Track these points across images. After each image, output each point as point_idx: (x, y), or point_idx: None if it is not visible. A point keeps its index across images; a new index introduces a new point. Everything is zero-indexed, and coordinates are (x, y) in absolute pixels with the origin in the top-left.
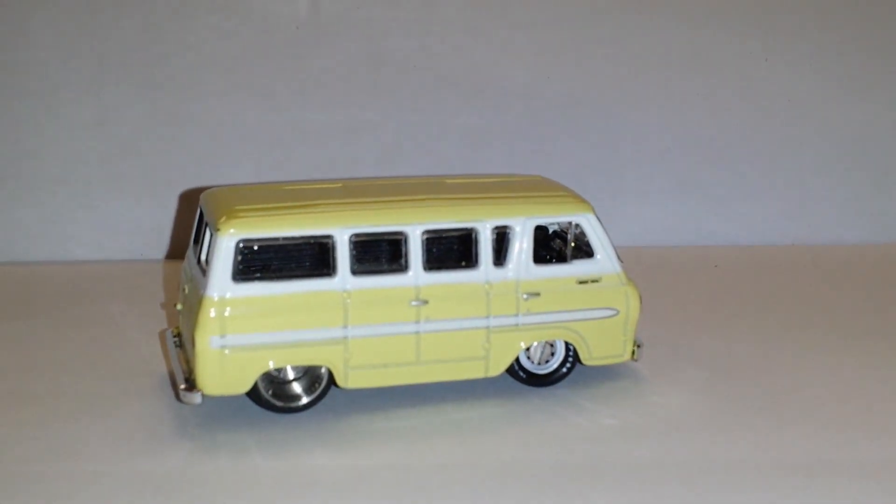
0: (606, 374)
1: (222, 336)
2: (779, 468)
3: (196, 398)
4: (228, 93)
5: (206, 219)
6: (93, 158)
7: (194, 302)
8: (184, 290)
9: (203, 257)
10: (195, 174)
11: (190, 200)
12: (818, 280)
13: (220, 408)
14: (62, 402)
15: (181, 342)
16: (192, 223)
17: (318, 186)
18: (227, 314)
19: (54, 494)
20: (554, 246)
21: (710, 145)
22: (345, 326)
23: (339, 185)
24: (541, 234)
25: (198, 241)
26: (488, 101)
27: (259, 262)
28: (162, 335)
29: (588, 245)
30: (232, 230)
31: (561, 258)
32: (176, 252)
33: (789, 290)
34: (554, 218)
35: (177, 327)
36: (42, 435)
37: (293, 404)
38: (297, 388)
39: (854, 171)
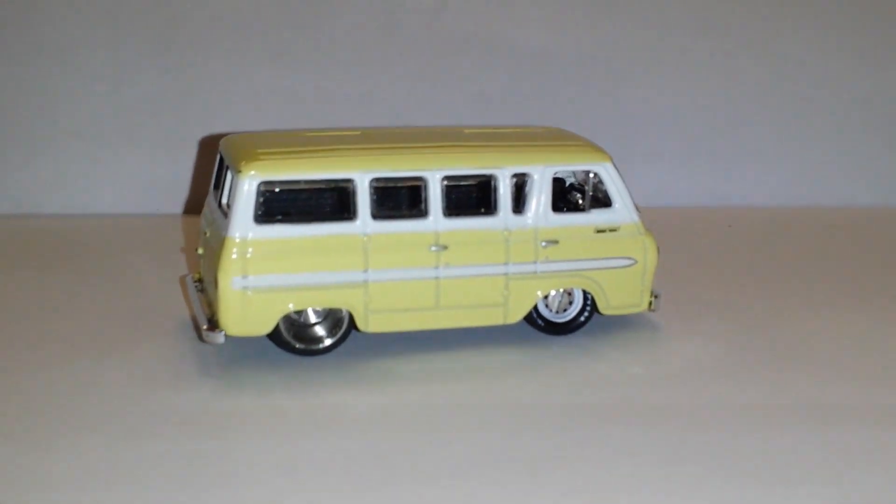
0: (624, 323)
1: (244, 277)
2: (794, 413)
3: (219, 338)
4: (242, 51)
5: (226, 163)
6: (108, 113)
7: (216, 244)
8: (205, 233)
9: (224, 201)
10: (209, 129)
11: (206, 154)
12: (831, 241)
13: (242, 349)
14: (84, 343)
15: (202, 287)
16: (208, 179)
17: (337, 133)
18: (248, 255)
19: (81, 427)
20: (571, 199)
21: (724, 108)
22: (365, 270)
23: (358, 132)
24: (557, 187)
25: (218, 186)
26: (501, 64)
27: (280, 206)
28: (182, 281)
29: (606, 195)
30: (253, 172)
31: (578, 211)
32: (193, 207)
33: (803, 251)
34: (573, 166)
35: (198, 272)
36: (67, 372)
37: (314, 347)
38: (318, 331)
39: (867, 134)
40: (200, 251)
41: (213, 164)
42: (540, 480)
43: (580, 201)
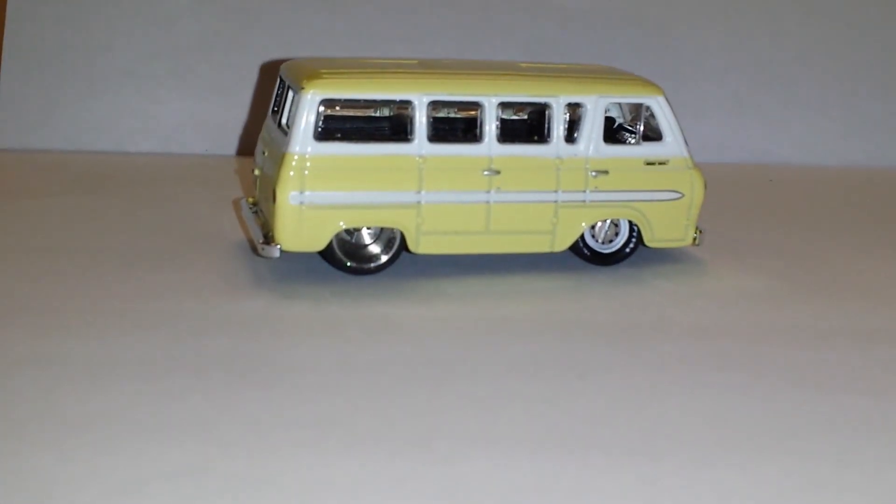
0: (668, 256)
1: (301, 192)
2: (840, 332)
3: (275, 251)
4: None
5: (287, 83)
6: (163, 54)
7: (275, 161)
8: (263, 153)
9: (285, 120)
10: (263, 72)
11: (259, 96)
12: (869, 199)
13: (296, 265)
14: (142, 258)
15: (257, 210)
16: (260, 122)
17: (396, 60)
18: (307, 171)
19: (143, 325)
20: (620, 139)
21: (768, 66)
22: (419, 191)
23: (417, 61)
24: (608, 125)
25: (278, 109)
26: (549, 19)
27: (340, 125)
28: (236, 203)
29: (657, 129)
30: (315, 89)
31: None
32: (245, 149)
33: (841, 206)
34: (626, 98)
35: (252, 196)
36: (127, 282)
37: (365, 265)
38: (370, 250)
39: None
40: (257, 172)
41: (273, 91)
42: (588, 383)
43: (630, 141)
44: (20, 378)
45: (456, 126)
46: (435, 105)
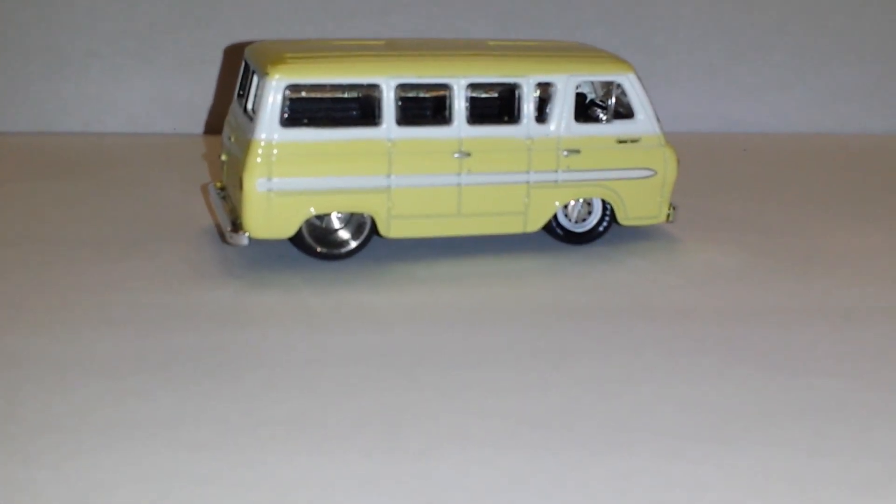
0: (642, 234)
1: (269, 179)
2: (813, 313)
3: (243, 239)
4: None
5: (252, 68)
6: (128, 32)
7: (241, 148)
8: (229, 138)
9: (250, 106)
10: (228, 53)
11: (225, 75)
12: (844, 167)
13: (265, 252)
14: (109, 247)
15: (225, 195)
16: (227, 100)
17: (363, 42)
18: (273, 158)
19: (110, 320)
20: (592, 114)
21: (742, 34)
22: (388, 175)
23: (384, 42)
24: (579, 102)
25: (243, 94)
26: None
27: (306, 110)
28: (204, 189)
29: (628, 106)
30: (280, 75)
31: (597, 116)
32: (213, 128)
33: (816, 174)
34: (596, 76)
35: (220, 181)
36: (93, 272)
37: (336, 251)
38: (340, 235)
39: (882, 63)
40: (224, 157)
41: (238, 74)
42: (562, 372)
43: (601, 117)
44: None
45: (424, 106)
46: (403, 87)
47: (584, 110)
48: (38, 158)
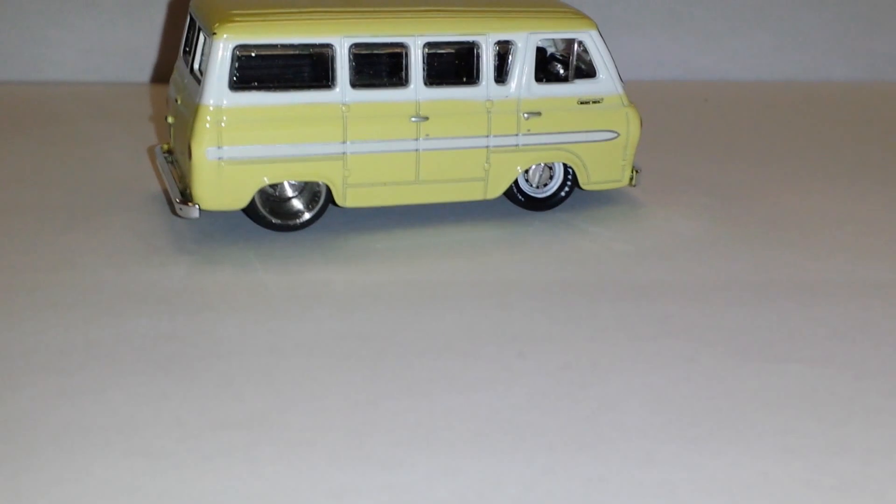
0: (605, 199)
1: (219, 147)
2: (778, 287)
3: (193, 212)
4: None
5: (198, 24)
6: None
7: (189, 113)
8: (175, 101)
9: (197, 66)
10: None
11: (173, 19)
12: (808, 116)
13: (217, 224)
14: (53, 216)
15: (173, 159)
16: (175, 47)
17: None
18: (223, 124)
19: (57, 304)
20: (552, 69)
21: None
22: (343, 142)
23: None
24: (539, 57)
25: (189, 50)
26: None
27: (256, 72)
28: (151, 151)
29: (590, 65)
30: (227, 35)
31: (560, 81)
32: (161, 76)
33: (779, 125)
34: (557, 34)
35: (167, 143)
36: (37, 246)
37: (290, 222)
38: (294, 205)
39: (846, 8)
40: (171, 120)
41: (183, 27)
42: (527, 362)
43: (561, 72)
44: None
45: (381, 66)
46: (357, 46)
47: (544, 65)
48: None
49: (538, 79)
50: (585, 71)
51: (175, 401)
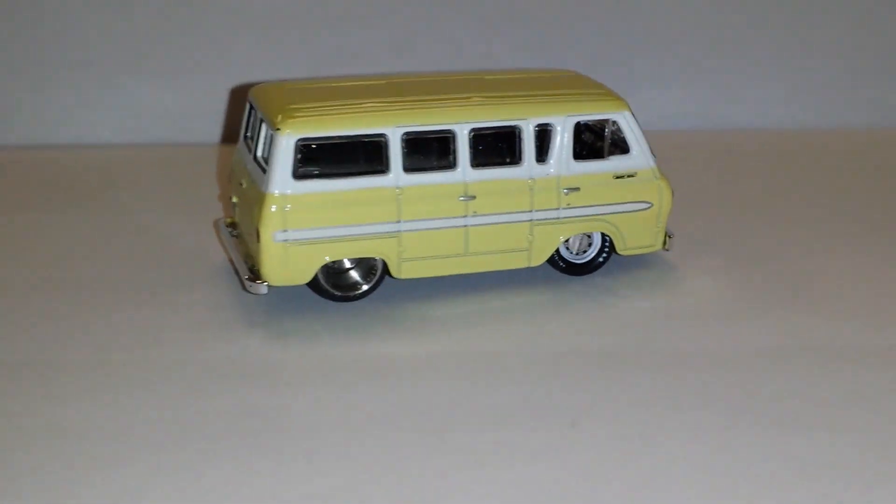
0: (639, 263)
1: (284, 231)
2: (807, 353)
3: (262, 289)
4: None
5: (259, 115)
6: (117, 40)
7: (255, 198)
8: (240, 184)
9: (260, 154)
10: (218, 58)
11: (211, 87)
12: (827, 165)
13: (282, 296)
14: (124, 291)
15: (238, 233)
16: (217, 107)
17: (364, 83)
18: (287, 210)
19: (148, 382)
20: (585, 139)
21: (720, 30)
22: (398, 221)
23: (384, 81)
24: (575, 129)
25: (251, 136)
26: None
27: (317, 161)
28: (216, 225)
29: (624, 141)
30: (291, 130)
31: (594, 151)
32: (215, 138)
33: (799, 175)
34: (593, 116)
35: (231, 217)
36: (117, 322)
37: (350, 293)
38: (353, 276)
39: (861, 57)
40: (235, 199)
41: (243, 114)
42: (579, 432)
43: (594, 143)
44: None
45: (431, 149)
46: (409, 135)
47: (578, 135)
48: (32, 178)
49: (576, 156)
50: (619, 147)
51: (264, 477)
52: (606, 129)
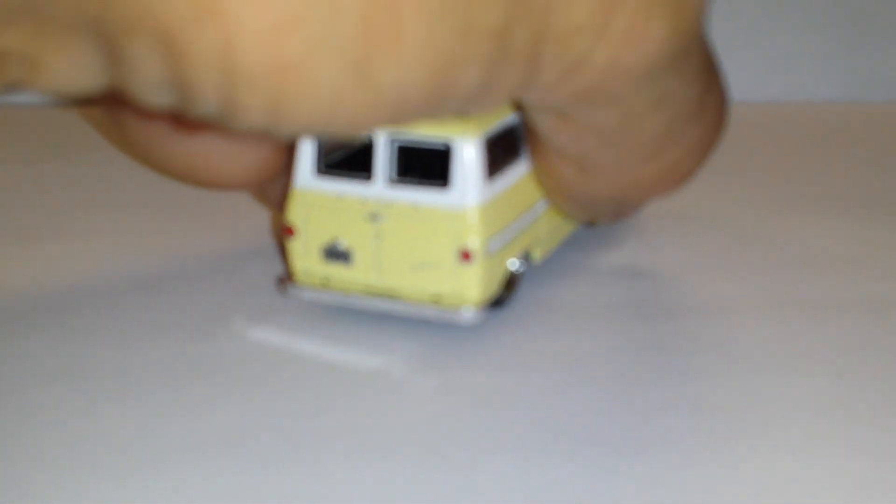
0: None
1: (488, 239)
2: (786, 306)
3: (473, 316)
4: None
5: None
6: None
7: (429, 218)
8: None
9: (396, 175)
10: None
11: None
12: (796, 138)
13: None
14: None
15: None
16: None
17: None
18: (490, 217)
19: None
20: None
21: None
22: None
23: None
24: None
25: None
26: None
27: (494, 157)
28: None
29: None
30: (472, 133)
31: None
32: None
33: (768, 148)
34: None
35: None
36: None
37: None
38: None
39: (832, 29)
40: (346, 243)
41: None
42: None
43: None
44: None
45: None
46: None
47: None
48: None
49: None
50: None
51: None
52: None
